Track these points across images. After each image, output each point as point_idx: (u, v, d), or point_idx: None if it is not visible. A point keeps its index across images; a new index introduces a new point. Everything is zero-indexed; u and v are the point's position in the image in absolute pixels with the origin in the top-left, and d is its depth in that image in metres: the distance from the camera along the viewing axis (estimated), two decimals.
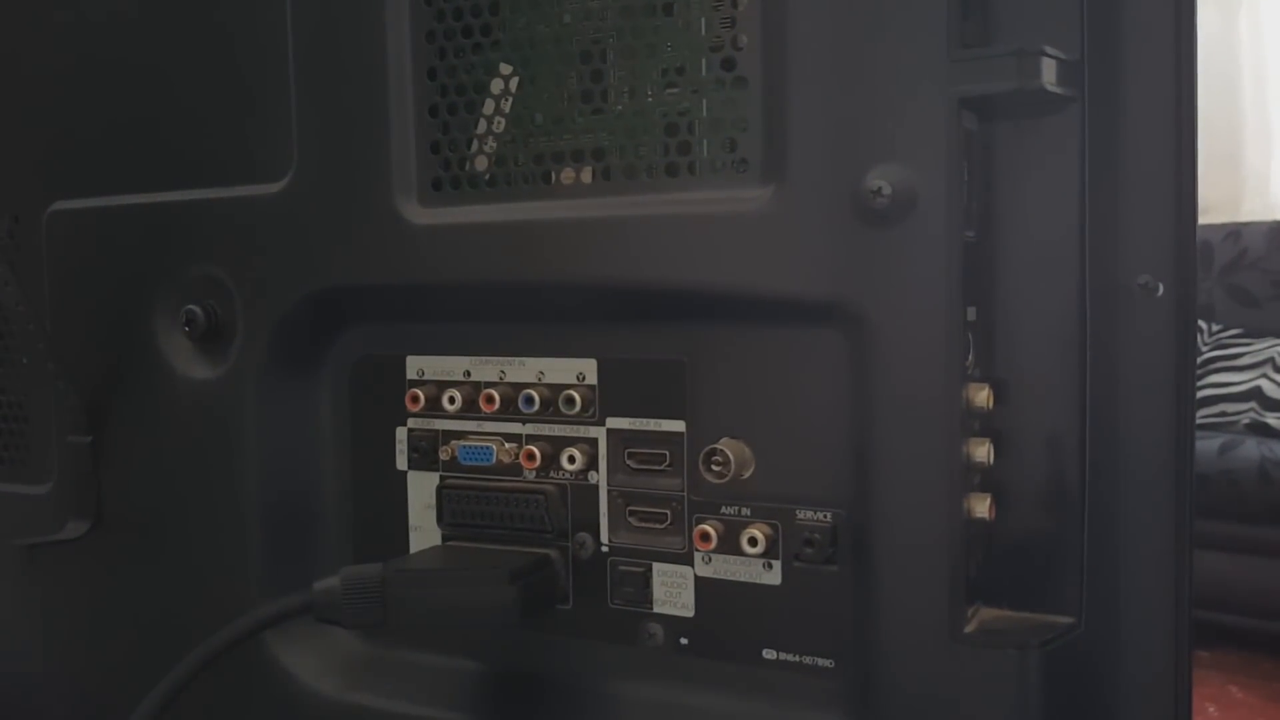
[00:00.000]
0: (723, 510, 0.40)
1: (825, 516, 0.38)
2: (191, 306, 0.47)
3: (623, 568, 0.42)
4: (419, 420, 0.45)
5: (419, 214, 0.43)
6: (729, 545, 0.40)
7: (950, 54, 0.34)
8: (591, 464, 0.42)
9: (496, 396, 0.43)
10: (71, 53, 0.52)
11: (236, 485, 0.47)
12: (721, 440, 0.39)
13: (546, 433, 0.43)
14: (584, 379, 0.42)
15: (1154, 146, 0.35)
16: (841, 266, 0.36)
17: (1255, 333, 2.22)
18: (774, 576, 0.39)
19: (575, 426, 0.42)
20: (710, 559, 0.40)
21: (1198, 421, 0.38)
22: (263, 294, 0.46)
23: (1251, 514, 1.84)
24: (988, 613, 0.38)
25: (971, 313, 0.36)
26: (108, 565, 0.51)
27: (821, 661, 0.39)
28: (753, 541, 0.39)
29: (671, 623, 0.41)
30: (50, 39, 0.52)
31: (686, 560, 0.41)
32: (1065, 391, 0.36)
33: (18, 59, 0.53)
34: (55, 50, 0.52)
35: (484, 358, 0.44)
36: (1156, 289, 0.35)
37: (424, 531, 0.45)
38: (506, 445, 0.43)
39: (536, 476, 0.43)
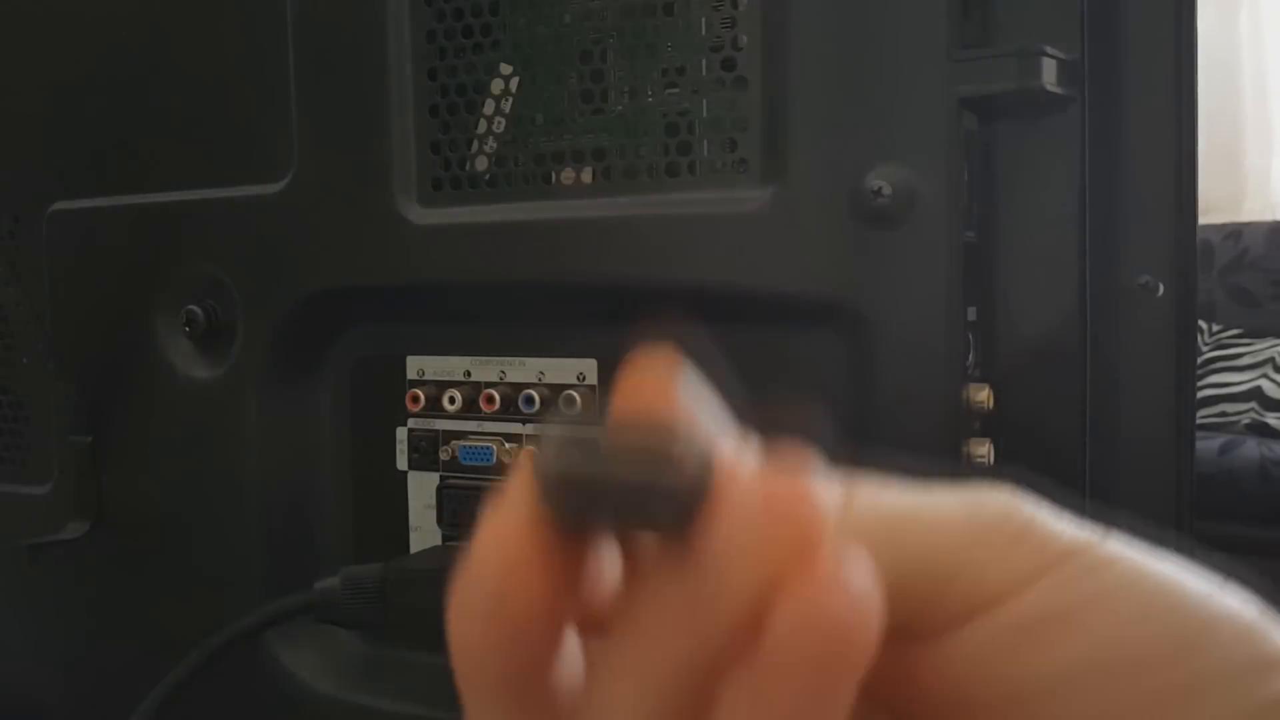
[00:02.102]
0: None
1: None
2: (192, 306, 0.47)
3: None
4: (419, 420, 0.45)
5: (419, 214, 0.43)
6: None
7: (950, 54, 0.34)
8: None
9: (497, 396, 0.43)
10: (72, 52, 0.52)
11: (237, 485, 0.47)
12: None
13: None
14: (584, 379, 0.42)
15: (1154, 146, 0.35)
16: (842, 267, 0.36)
17: (1255, 333, 2.22)
18: None
19: (575, 426, 0.42)
20: None
21: (1198, 421, 0.38)
22: (263, 294, 0.46)
23: (1252, 514, 1.84)
24: None
25: (972, 313, 0.36)
26: (108, 565, 0.51)
27: None
28: None
29: None
30: (51, 39, 0.52)
31: None
32: (1066, 391, 0.36)
33: (18, 59, 0.53)
34: (56, 50, 0.52)
35: (484, 358, 0.44)
36: (1157, 289, 0.35)
37: (424, 531, 0.45)
38: (507, 445, 0.43)
39: None
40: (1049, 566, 0.16)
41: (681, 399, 0.16)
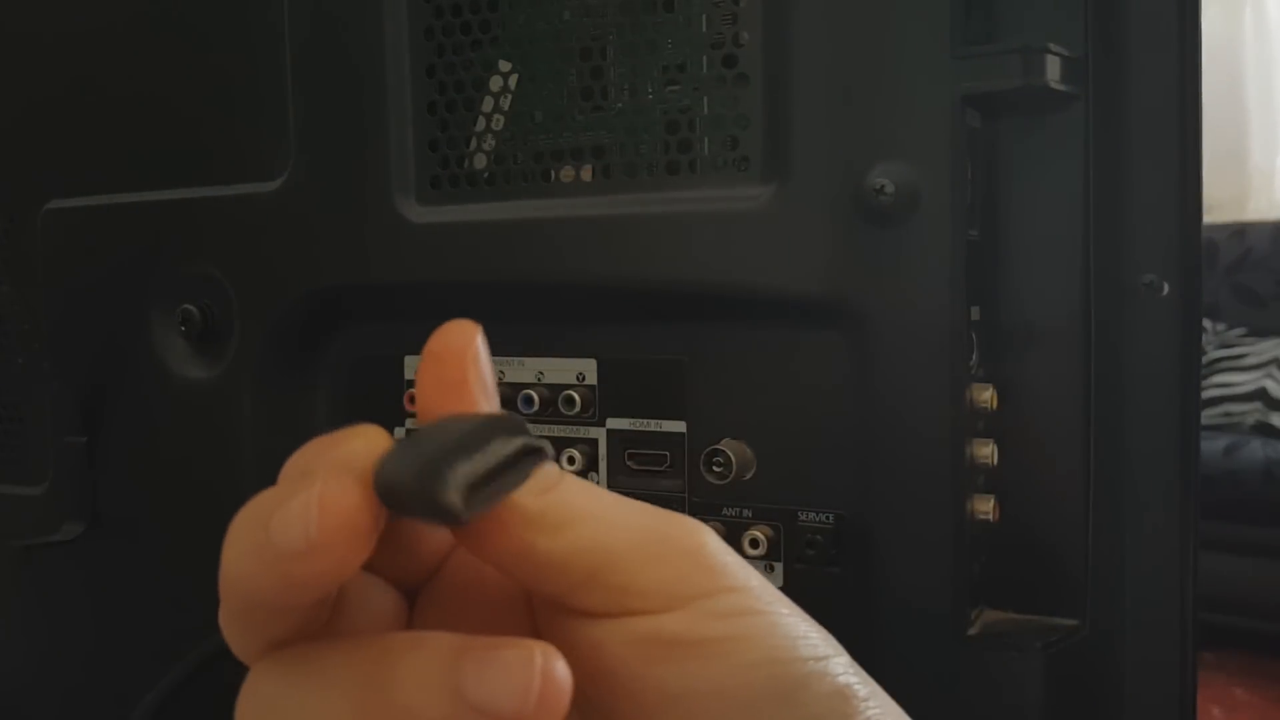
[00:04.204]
0: (724, 511, 0.39)
1: (827, 518, 0.38)
2: (188, 306, 0.47)
3: None
4: (418, 420, 0.45)
5: (417, 212, 0.42)
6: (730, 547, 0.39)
7: (954, 51, 0.34)
8: (591, 465, 0.41)
9: None
10: (67, 51, 0.52)
11: (233, 486, 0.47)
12: (722, 441, 0.39)
13: (546, 433, 0.42)
14: (584, 379, 0.42)
15: (1158, 144, 0.35)
16: (844, 265, 0.36)
17: (1260, 332, 2.22)
18: (776, 578, 0.39)
19: (575, 427, 0.42)
20: None
21: (1203, 422, 0.38)
22: (260, 293, 0.46)
23: (1256, 515, 1.83)
24: (991, 615, 0.37)
25: (975, 312, 0.36)
26: (104, 566, 0.51)
27: None
28: (754, 543, 0.38)
29: None
30: (46, 38, 0.52)
31: None
32: (1070, 391, 0.36)
33: (13, 58, 0.53)
34: (51, 49, 0.52)
35: None
36: (1161, 288, 0.35)
37: None
38: None
39: None
40: (701, 596, 0.19)
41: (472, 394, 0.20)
